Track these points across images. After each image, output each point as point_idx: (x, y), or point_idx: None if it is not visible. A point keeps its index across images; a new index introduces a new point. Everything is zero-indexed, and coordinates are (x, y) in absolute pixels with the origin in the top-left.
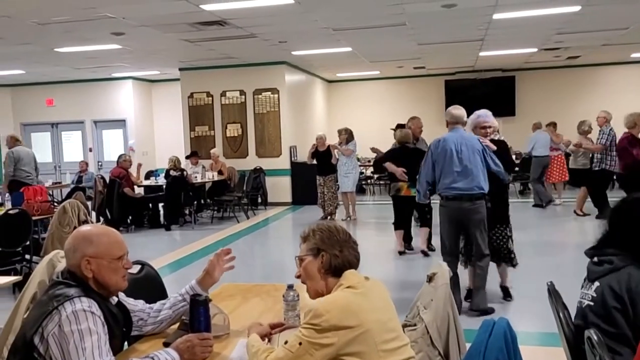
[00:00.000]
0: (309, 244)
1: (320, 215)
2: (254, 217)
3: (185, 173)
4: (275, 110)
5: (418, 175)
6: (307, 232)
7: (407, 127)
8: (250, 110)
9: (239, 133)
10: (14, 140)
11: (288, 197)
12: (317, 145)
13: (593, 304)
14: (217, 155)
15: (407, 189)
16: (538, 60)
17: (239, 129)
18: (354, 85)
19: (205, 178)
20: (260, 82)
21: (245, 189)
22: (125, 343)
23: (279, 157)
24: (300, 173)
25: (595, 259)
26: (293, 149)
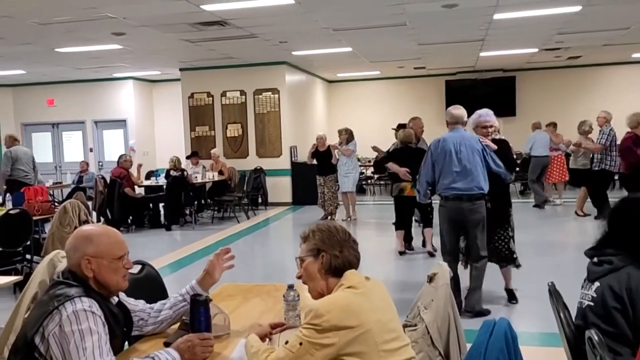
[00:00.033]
0: (309, 245)
1: (321, 215)
2: (255, 217)
3: (186, 173)
4: (276, 111)
5: (418, 175)
6: (306, 232)
7: (408, 127)
8: (251, 111)
9: (240, 133)
10: (12, 140)
11: (288, 197)
12: (317, 145)
13: (593, 304)
14: (217, 156)
15: (410, 189)
16: (539, 61)
17: (240, 129)
18: (355, 86)
19: (206, 178)
20: (261, 82)
21: (246, 189)
22: (126, 343)
23: (280, 157)
24: (301, 173)
25: (595, 259)
26: (293, 149)
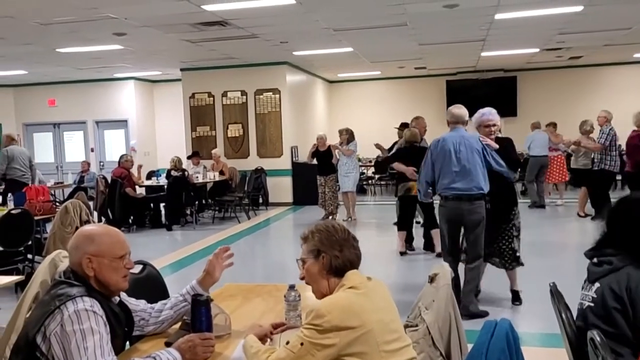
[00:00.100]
0: (309, 246)
1: (322, 215)
2: (255, 217)
3: (187, 173)
4: (277, 111)
5: (418, 175)
6: (306, 233)
7: (411, 126)
8: (252, 111)
9: (240, 133)
10: (10, 140)
11: (289, 197)
12: (317, 145)
13: (593, 305)
14: (218, 156)
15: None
16: (540, 61)
17: (240, 129)
18: (355, 86)
19: (207, 178)
20: (262, 82)
21: (247, 189)
22: (127, 343)
23: (280, 157)
24: (302, 173)
25: (595, 260)
26: (294, 149)
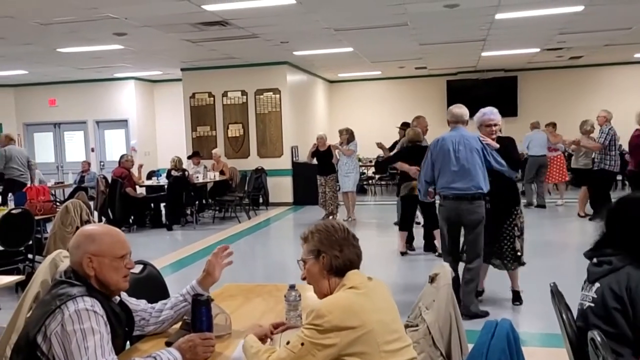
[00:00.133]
0: (309, 246)
1: (322, 215)
2: (256, 217)
3: (187, 173)
4: (277, 111)
5: (418, 175)
6: (306, 233)
7: (412, 126)
8: (252, 111)
9: (241, 133)
10: (8, 140)
11: (289, 197)
12: (317, 145)
13: (594, 305)
14: (218, 156)
15: None
16: (540, 61)
17: (241, 129)
18: (356, 86)
19: (207, 178)
20: (262, 82)
21: (247, 189)
22: (128, 342)
23: (281, 157)
24: (302, 173)
25: (595, 260)
26: (294, 149)
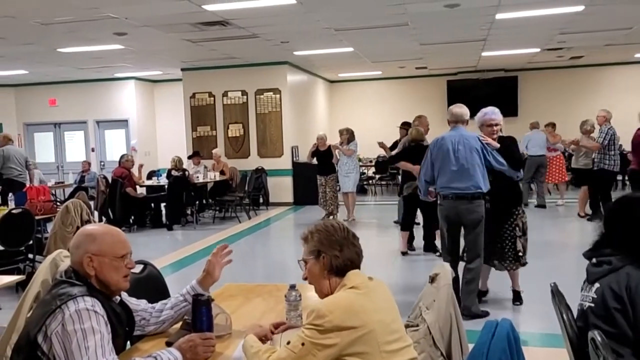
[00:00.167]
0: (310, 247)
1: (322, 215)
2: (256, 217)
3: (187, 173)
4: (277, 111)
5: (418, 174)
6: (306, 234)
7: (413, 125)
8: (252, 111)
9: (241, 133)
10: (6, 140)
11: (290, 197)
12: (317, 145)
13: (594, 306)
14: (219, 156)
15: None
16: (541, 61)
17: (241, 129)
18: (356, 86)
19: (207, 178)
20: (262, 82)
21: (247, 189)
22: (128, 342)
23: (281, 157)
24: (302, 173)
25: (594, 260)
26: (295, 149)
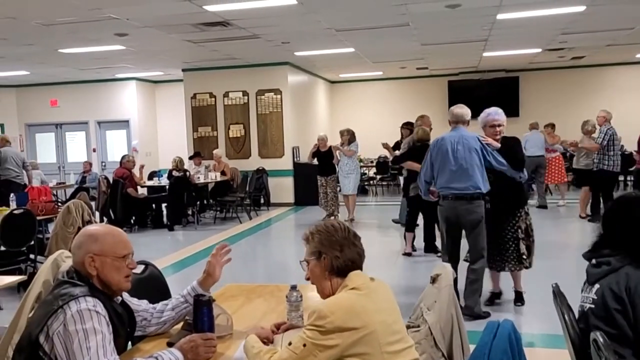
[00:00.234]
0: (311, 247)
1: (323, 216)
2: (257, 217)
3: (188, 174)
4: (278, 111)
5: (419, 174)
6: (307, 234)
7: (416, 125)
8: (253, 111)
9: (242, 134)
10: (4, 142)
11: (290, 197)
12: (318, 146)
13: (594, 307)
14: (219, 156)
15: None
16: (542, 61)
17: (242, 130)
18: (357, 86)
19: (208, 179)
20: (263, 82)
21: (248, 190)
22: (129, 343)
23: (282, 157)
24: (303, 174)
25: (594, 261)
26: (296, 150)
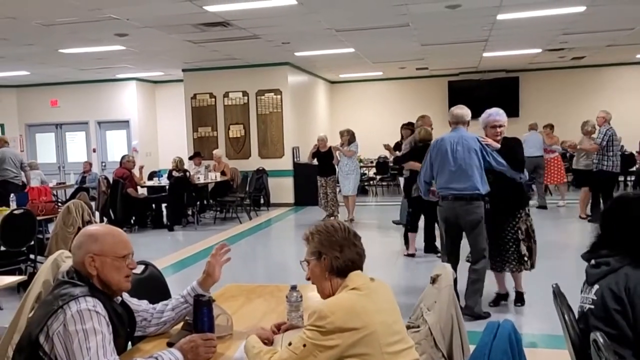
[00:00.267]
0: (311, 247)
1: (323, 216)
2: (257, 217)
3: (188, 174)
4: (278, 111)
5: (418, 175)
6: (307, 235)
7: (417, 125)
8: (253, 111)
9: (242, 134)
10: (2, 142)
11: (290, 198)
12: (318, 146)
13: (594, 307)
14: (219, 156)
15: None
16: (542, 61)
17: (242, 130)
18: (357, 86)
19: (208, 179)
20: (263, 83)
21: (248, 190)
22: (129, 343)
23: (282, 158)
24: (303, 174)
25: (593, 262)
26: (296, 150)
